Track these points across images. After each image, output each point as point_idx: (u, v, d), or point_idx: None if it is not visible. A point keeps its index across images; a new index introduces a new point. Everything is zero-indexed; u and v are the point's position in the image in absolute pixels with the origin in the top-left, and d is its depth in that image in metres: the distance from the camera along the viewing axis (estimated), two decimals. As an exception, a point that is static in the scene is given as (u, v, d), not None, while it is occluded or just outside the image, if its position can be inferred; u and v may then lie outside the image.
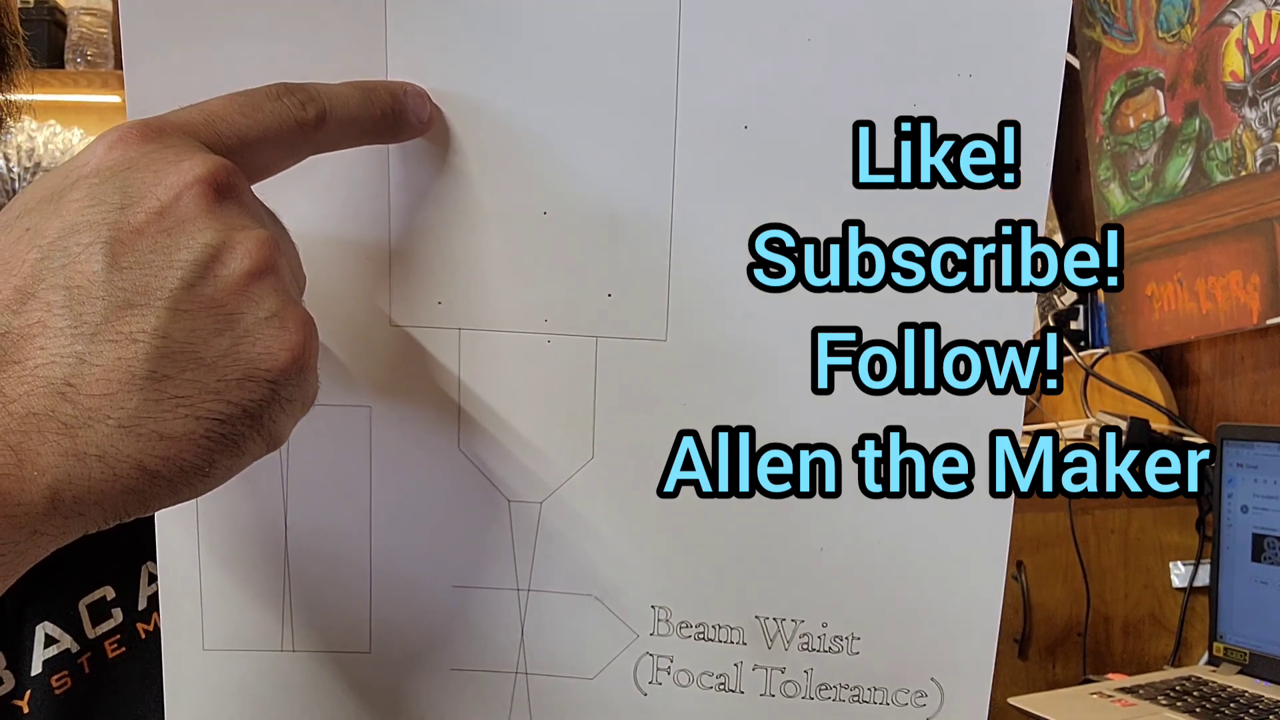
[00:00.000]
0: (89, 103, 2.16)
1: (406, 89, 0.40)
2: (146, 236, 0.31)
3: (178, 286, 0.31)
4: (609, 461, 0.42)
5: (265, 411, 0.32)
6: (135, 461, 0.30)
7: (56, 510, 0.30)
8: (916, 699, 0.43)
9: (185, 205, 0.32)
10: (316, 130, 0.37)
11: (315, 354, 0.34)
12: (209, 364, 0.31)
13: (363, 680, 0.44)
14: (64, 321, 0.30)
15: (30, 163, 1.98)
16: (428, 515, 0.43)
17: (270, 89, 0.36)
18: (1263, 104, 1.43)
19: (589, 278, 0.41)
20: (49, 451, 0.30)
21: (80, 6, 2.10)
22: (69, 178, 0.33)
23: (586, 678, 0.44)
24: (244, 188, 0.34)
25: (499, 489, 0.43)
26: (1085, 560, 1.51)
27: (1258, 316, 1.44)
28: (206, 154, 0.33)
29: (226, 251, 0.32)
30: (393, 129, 0.39)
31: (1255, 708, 1.22)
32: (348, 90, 0.38)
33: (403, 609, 0.44)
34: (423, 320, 0.42)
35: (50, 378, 0.30)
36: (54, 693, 0.54)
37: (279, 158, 0.37)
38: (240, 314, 0.32)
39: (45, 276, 0.31)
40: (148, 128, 0.33)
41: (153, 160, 0.33)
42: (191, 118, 0.35)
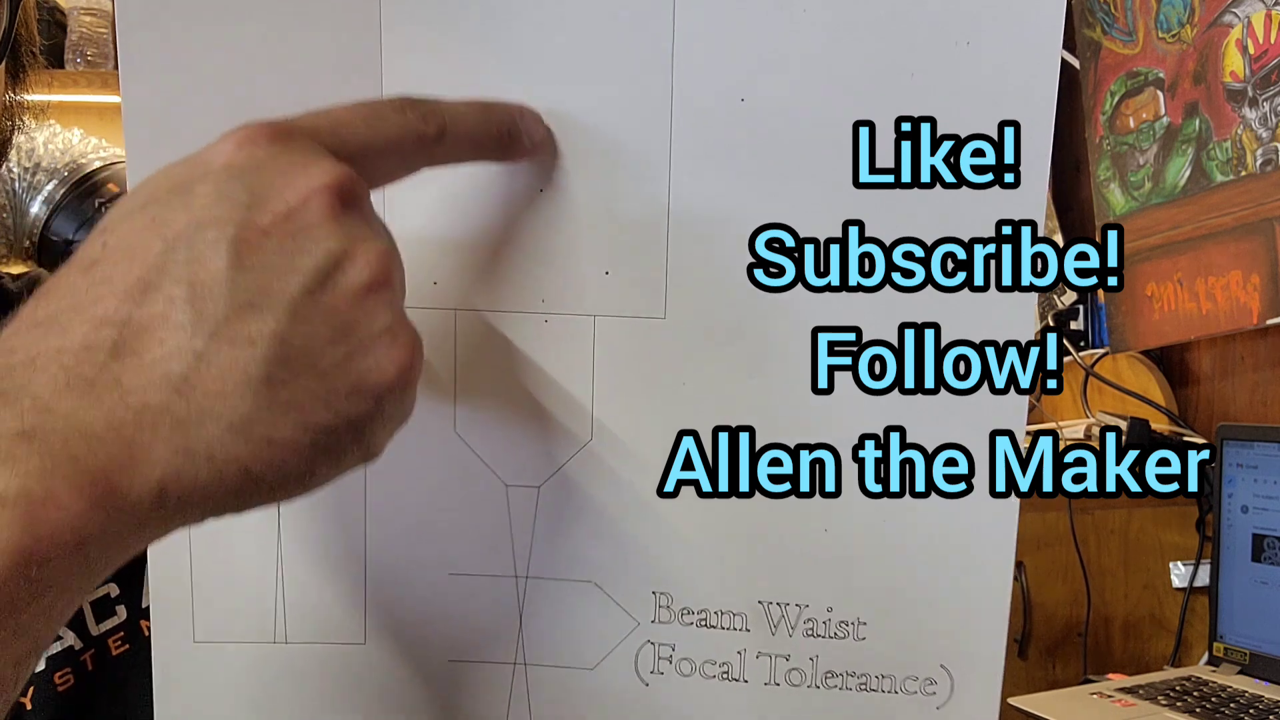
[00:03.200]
0: (89, 103, 2.15)
1: (524, 111, 0.40)
2: (272, 238, 0.31)
3: (299, 292, 0.31)
4: (608, 443, 0.42)
5: (368, 425, 0.32)
6: (241, 464, 0.30)
7: (162, 505, 0.30)
8: (926, 687, 0.42)
9: (311, 210, 0.32)
10: (436, 145, 0.37)
11: (420, 372, 0.34)
12: (322, 372, 0.31)
13: (358, 673, 0.43)
14: (185, 316, 0.30)
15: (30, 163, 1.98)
16: (424, 501, 0.42)
17: (395, 101, 0.36)
18: (1263, 104, 1.43)
19: (586, 256, 0.41)
20: (161, 447, 0.30)
21: (80, 6, 2.10)
22: (196, 170, 0.33)
23: (586, 668, 0.43)
24: (366, 198, 0.34)
25: (496, 473, 0.42)
26: (1085, 560, 1.51)
27: (1258, 316, 1.44)
28: (333, 161, 0.33)
29: (348, 261, 0.32)
30: (507, 149, 0.40)
31: (1255, 708, 1.22)
32: (467, 108, 0.38)
33: (399, 598, 0.43)
34: (418, 301, 0.41)
35: (168, 373, 0.30)
36: (56, 689, 0.54)
37: (397, 169, 0.37)
38: (356, 325, 0.32)
39: (169, 269, 0.31)
40: (276, 129, 0.33)
41: (280, 162, 0.32)
42: (318, 123, 0.35)
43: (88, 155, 1.92)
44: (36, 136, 2.04)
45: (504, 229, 0.41)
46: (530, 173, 0.41)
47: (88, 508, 0.29)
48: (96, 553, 0.30)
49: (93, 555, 0.29)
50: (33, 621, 0.29)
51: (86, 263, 0.32)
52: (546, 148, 0.40)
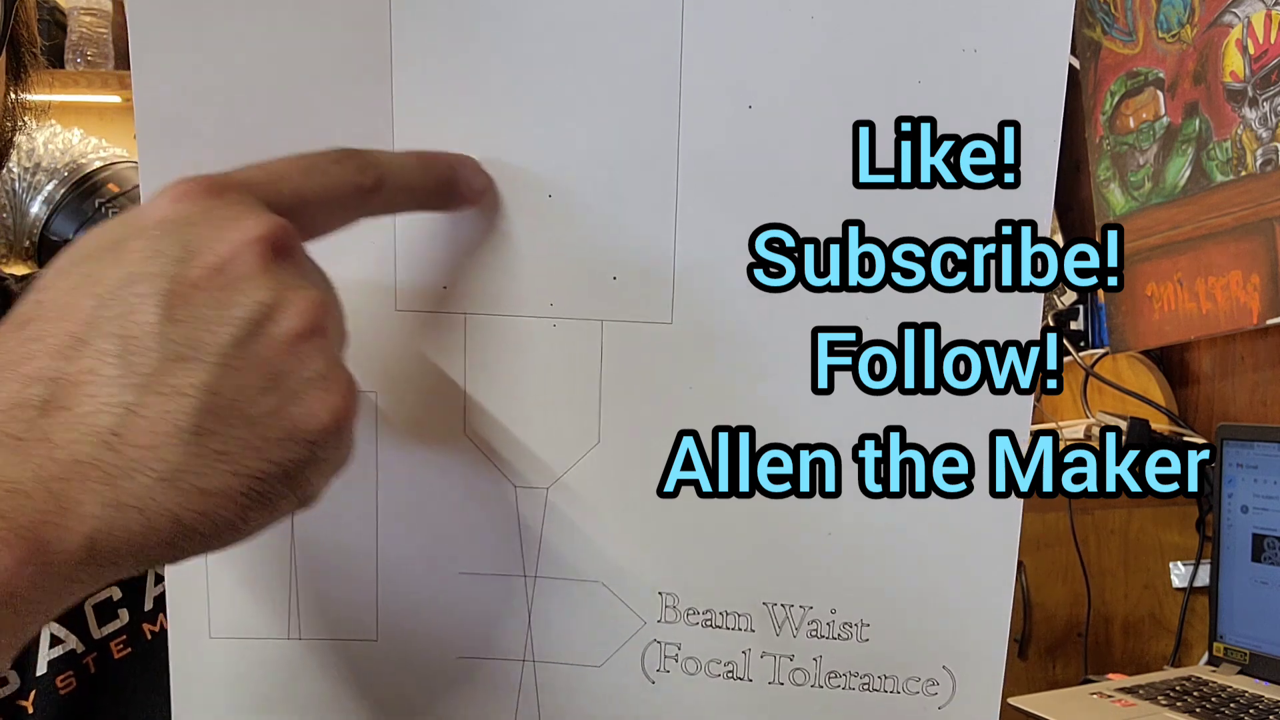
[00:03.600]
0: (89, 103, 2.15)
1: (464, 160, 0.40)
2: (202, 291, 0.32)
3: (229, 342, 0.32)
4: (615, 446, 0.42)
5: (301, 472, 0.33)
6: (172, 515, 0.31)
7: (92, 559, 0.30)
8: (928, 687, 0.42)
9: (242, 262, 0.32)
10: (373, 195, 0.37)
11: (355, 417, 0.34)
12: (253, 421, 0.32)
13: (370, 668, 0.44)
14: (115, 370, 0.31)
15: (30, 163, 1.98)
16: (434, 501, 0.43)
17: (332, 153, 0.37)
18: (1263, 104, 1.43)
19: (594, 261, 0.41)
20: (90, 500, 0.30)
21: (80, 6, 2.10)
22: (130, 227, 0.33)
23: (594, 665, 0.44)
24: (299, 248, 0.34)
25: (505, 475, 0.43)
26: (1085, 560, 1.51)
27: (1258, 316, 1.44)
28: (266, 213, 0.34)
29: (279, 310, 0.32)
30: (446, 199, 0.40)
31: (1255, 708, 1.22)
32: (406, 159, 0.39)
33: (409, 596, 0.43)
34: (428, 305, 0.42)
35: (97, 426, 0.30)
36: (59, 693, 0.54)
37: (333, 219, 0.37)
38: (287, 373, 0.32)
39: (100, 324, 0.31)
40: (212, 184, 0.34)
41: (213, 217, 0.33)
42: (254, 176, 0.35)
43: (88, 155, 1.93)
44: (36, 136, 2.04)
45: (513, 235, 0.41)
46: (538, 178, 0.41)
47: (16, 563, 0.29)
48: (25, 607, 0.30)
49: (21, 610, 0.30)
50: None
51: (20, 321, 0.32)
52: (487, 196, 0.41)
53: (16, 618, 0.30)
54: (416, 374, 0.42)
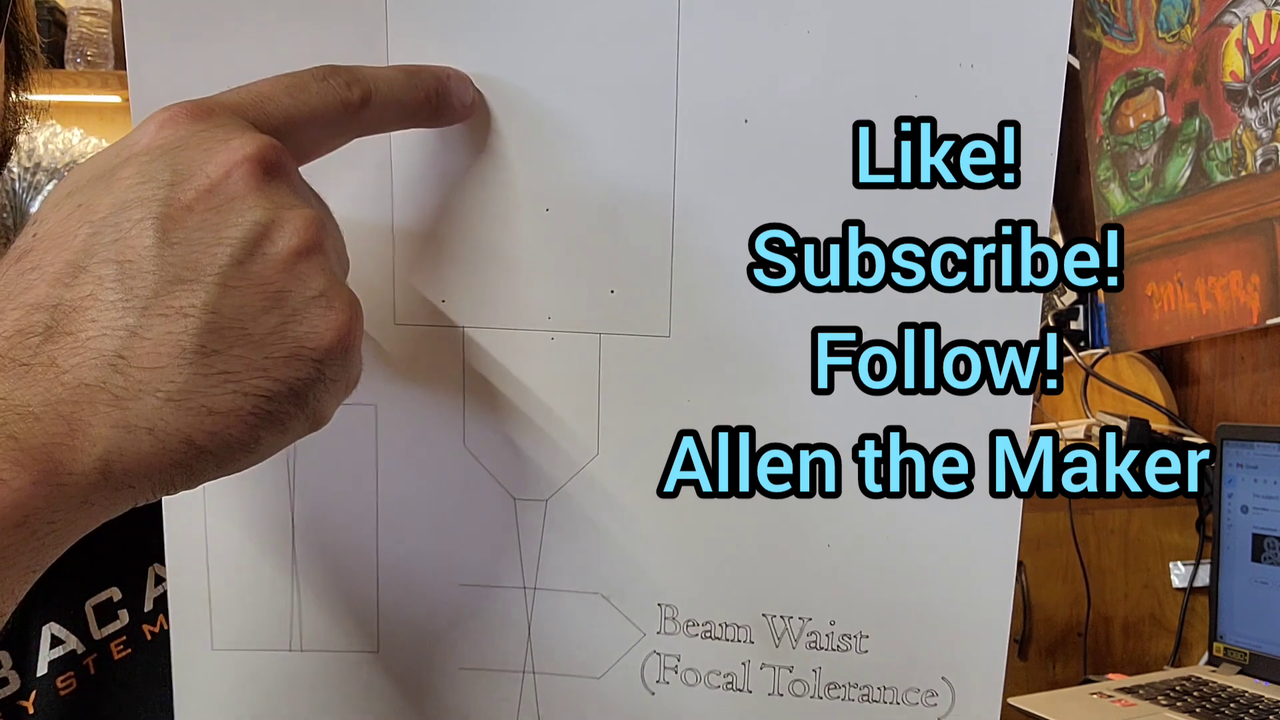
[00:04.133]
0: (89, 103, 2.15)
1: (450, 73, 0.40)
2: (196, 213, 0.32)
3: (227, 263, 0.32)
4: (614, 458, 0.42)
5: (310, 390, 0.33)
6: (183, 435, 0.31)
7: (107, 481, 0.30)
8: (927, 698, 0.43)
9: (234, 183, 0.32)
10: (361, 110, 0.37)
11: (360, 334, 0.34)
12: (257, 341, 0.32)
13: (371, 680, 0.44)
14: (115, 295, 0.31)
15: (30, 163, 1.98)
16: (434, 514, 0.43)
17: (316, 70, 0.36)
18: (1263, 104, 1.43)
19: (591, 274, 0.41)
20: (100, 422, 0.30)
21: (80, 6, 2.10)
22: (119, 155, 0.33)
23: (594, 677, 0.44)
24: (291, 167, 0.34)
25: (505, 487, 0.43)
26: (1085, 560, 1.51)
27: (1258, 316, 1.44)
28: (255, 133, 0.34)
29: (275, 229, 0.32)
30: (436, 112, 0.40)
31: (1255, 708, 1.22)
32: (392, 73, 0.38)
33: (410, 608, 0.44)
34: (427, 319, 0.42)
35: (102, 349, 0.30)
36: (59, 694, 0.54)
37: (324, 139, 0.37)
38: (288, 291, 0.32)
39: (96, 251, 0.31)
40: (197, 107, 0.34)
41: (202, 139, 0.33)
42: (240, 98, 0.35)
43: (88, 155, 1.93)
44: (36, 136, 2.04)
45: (511, 248, 0.42)
46: (536, 191, 0.41)
47: (30, 484, 0.29)
48: (43, 529, 0.30)
49: (39, 531, 0.30)
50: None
51: (17, 254, 0.32)
52: (477, 110, 0.40)
53: (34, 539, 0.30)
54: (416, 387, 0.42)
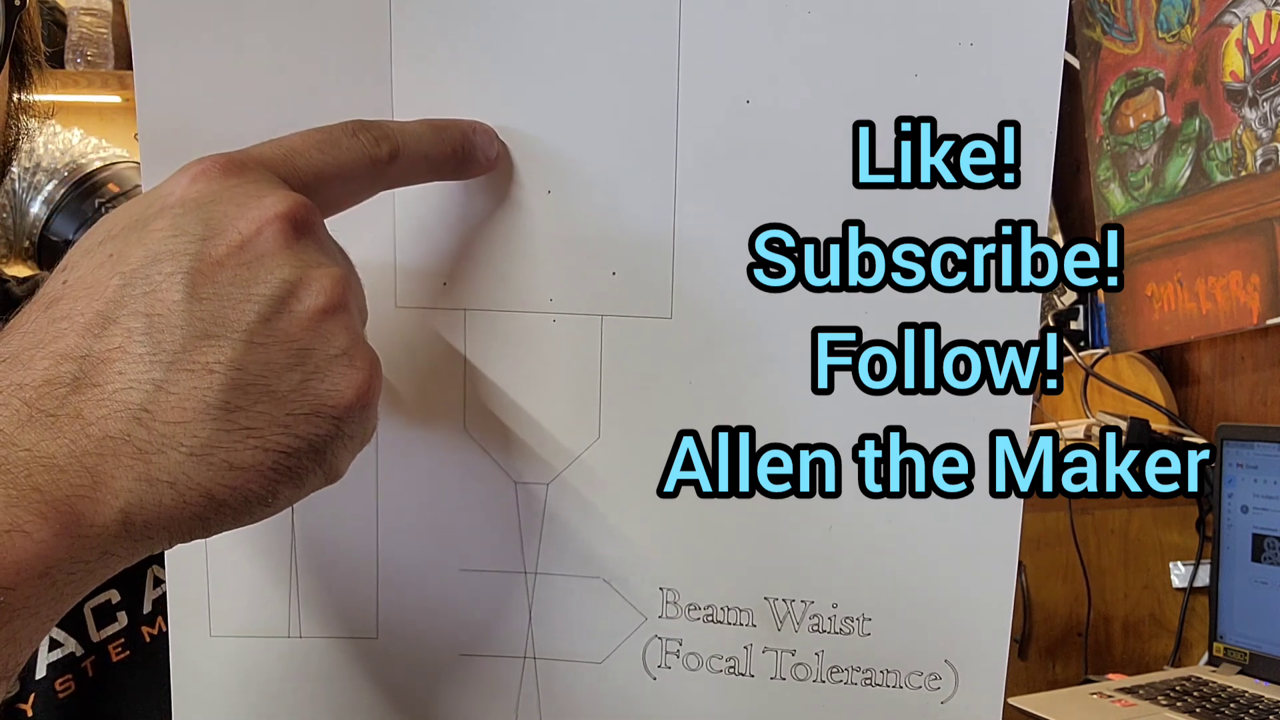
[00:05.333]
0: (89, 103, 2.15)
1: (476, 127, 0.40)
2: (226, 269, 0.32)
3: (254, 320, 0.32)
4: (616, 441, 0.42)
5: (329, 446, 0.33)
6: (204, 489, 0.31)
7: (127, 533, 0.31)
8: (930, 681, 0.42)
9: (265, 240, 0.33)
10: (389, 166, 0.37)
11: (379, 392, 0.34)
12: (280, 397, 0.32)
13: (370, 666, 0.44)
14: (143, 348, 0.31)
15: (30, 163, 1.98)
16: (434, 498, 0.43)
17: (347, 126, 0.37)
18: (1263, 104, 1.43)
19: (593, 256, 0.41)
20: (123, 475, 0.30)
21: (80, 6, 2.10)
22: (152, 206, 0.34)
23: (595, 662, 0.43)
24: (320, 224, 0.35)
25: (505, 470, 0.43)
26: (1085, 560, 1.51)
27: (1258, 316, 1.44)
28: (286, 190, 0.34)
29: (302, 287, 0.33)
30: (461, 166, 0.40)
31: (1255, 708, 1.22)
32: (420, 128, 0.39)
33: (410, 594, 0.43)
34: (428, 301, 0.42)
35: (128, 403, 0.31)
36: (57, 696, 0.54)
37: (353, 193, 0.38)
38: (312, 349, 0.33)
39: (127, 303, 0.32)
40: (230, 162, 0.34)
41: (235, 194, 0.33)
42: (272, 153, 0.35)
43: (88, 155, 1.92)
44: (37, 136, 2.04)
45: (512, 230, 0.41)
46: (537, 174, 0.41)
47: (53, 536, 0.29)
48: (63, 580, 0.30)
49: (60, 582, 0.30)
50: (1, 647, 0.29)
51: (47, 301, 0.32)
52: (502, 164, 0.41)
53: (54, 589, 0.30)
54: (416, 370, 0.42)
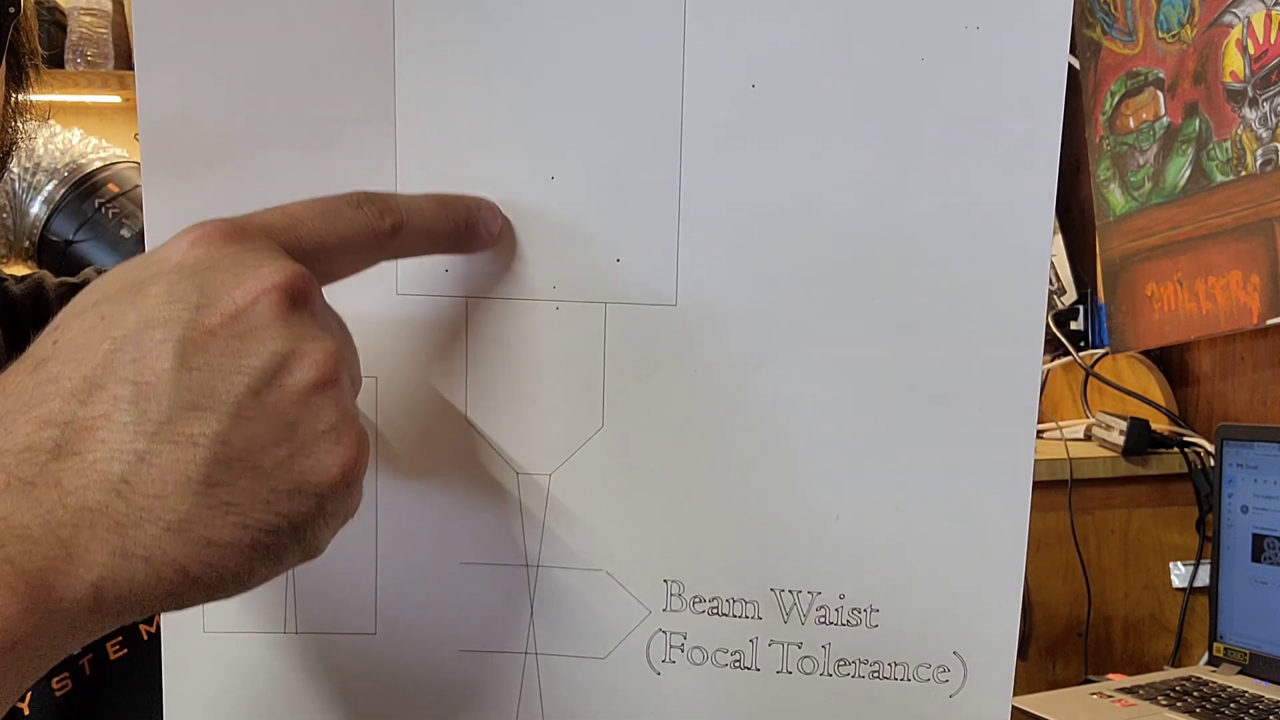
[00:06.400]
0: (89, 103, 2.15)
1: (481, 204, 0.40)
2: (219, 338, 0.32)
3: (243, 392, 0.31)
4: (619, 430, 0.42)
5: (310, 525, 0.33)
6: (179, 565, 0.31)
7: (98, 607, 0.30)
8: (939, 674, 0.42)
9: (260, 311, 0.32)
10: (391, 239, 0.37)
11: (364, 470, 0.34)
12: (264, 473, 0.32)
13: (368, 663, 0.43)
14: (128, 417, 0.31)
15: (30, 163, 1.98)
16: (434, 489, 0.43)
17: (351, 197, 0.37)
18: (1263, 104, 1.43)
19: (597, 243, 0.41)
20: (98, 549, 0.30)
21: (80, 6, 2.10)
22: (149, 270, 0.33)
23: (598, 657, 0.43)
24: (317, 296, 0.34)
25: (507, 461, 0.42)
26: (1085, 560, 1.51)
27: (1258, 316, 1.44)
28: (285, 261, 0.33)
29: (294, 361, 0.32)
30: (463, 242, 0.40)
31: (1255, 708, 1.22)
32: (425, 203, 0.39)
33: (409, 588, 0.43)
34: (430, 289, 0.42)
35: (108, 473, 0.30)
36: (54, 694, 0.54)
37: (353, 263, 0.37)
38: (300, 424, 0.32)
39: (115, 369, 0.31)
40: (232, 228, 0.34)
41: (233, 263, 0.33)
42: (274, 220, 0.35)
43: (88, 155, 1.92)
44: (36, 136, 2.04)
45: (515, 217, 0.41)
46: (540, 160, 0.41)
47: (21, 610, 0.29)
48: (29, 654, 0.30)
49: (25, 656, 0.29)
50: None
51: (36, 361, 0.32)
52: (505, 238, 0.41)
53: (20, 664, 0.29)
54: (417, 358, 0.42)
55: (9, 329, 0.61)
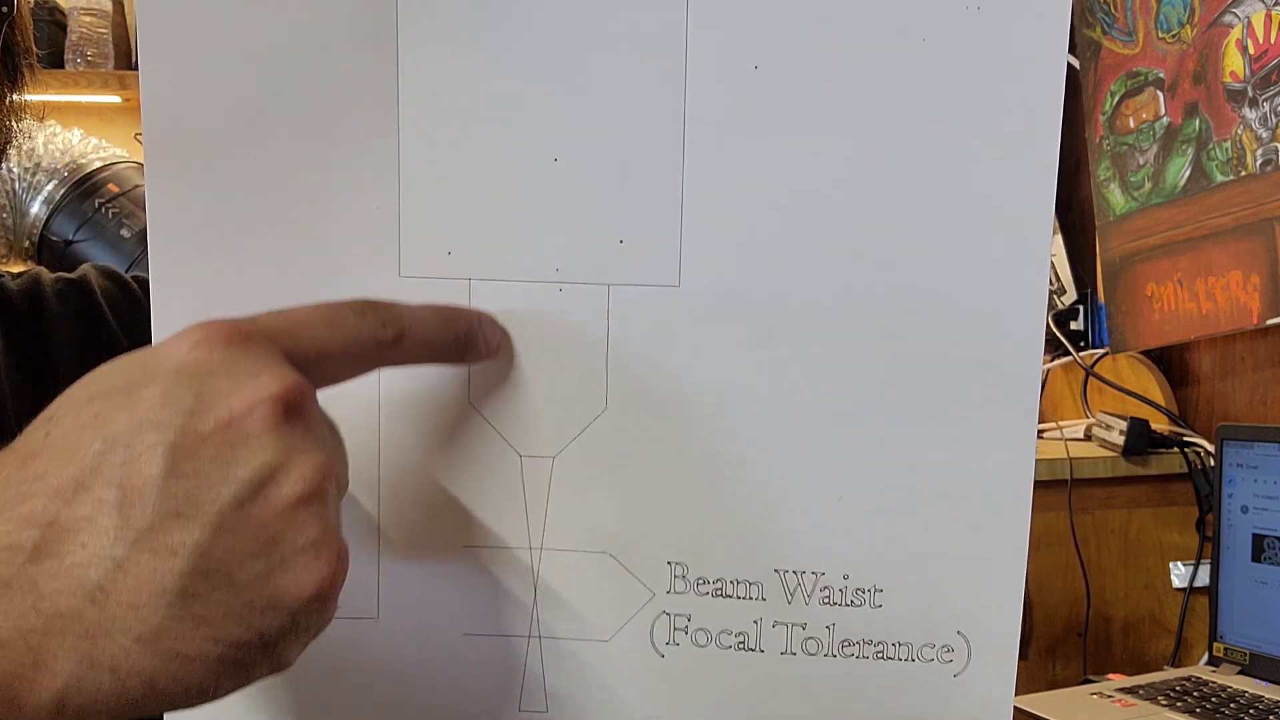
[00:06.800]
0: (89, 103, 2.16)
1: (482, 318, 0.41)
2: (210, 445, 0.31)
3: (228, 503, 0.31)
4: (623, 412, 0.42)
5: (280, 640, 0.32)
6: (146, 677, 0.30)
7: (59, 714, 0.30)
8: (943, 654, 0.42)
9: (254, 420, 0.32)
10: (392, 349, 0.37)
11: (340, 587, 0.34)
12: (239, 586, 0.31)
13: (370, 648, 0.43)
14: (111, 521, 0.30)
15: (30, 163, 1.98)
16: (437, 473, 0.42)
17: (355, 305, 0.37)
18: (1263, 104, 1.43)
19: (600, 225, 0.41)
20: (66, 657, 0.30)
21: (80, 6, 2.10)
22: (148, 369, 0.33)
23: (602, 640, 0.43)
24: (312, 406, 0.34)
25: (510, 444, 0.42)
26: (1085, 560, 1.51)
27: (1258, 316, 1.44)
28: (284, 369, 0.33)
29: (282, 473, 0.32)
30: (463, 355, 0.40)
31: (1255, 708, 1.22)
32: (427, 314, 0.39)
33: (411, 572, 0.43)
34: (432, 271, 0.42)
35: (84, 579, 0.30)
36: None
37: (351, 370, 0.37)
38: (280, 539, 0.32)
39: (103, 471, 0.31)
40: (235, 331, 0.34)
41: (232, 368, 0.33)
42: (277, 325, 0.35)
43: (88, 155, 1.93)
44: (36, 136, 2.04)
45: (518, 199, 0.41)
46: (543, 141, 0.41)
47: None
48: None
49: None
50: None
51: (26, 453, 0.32)
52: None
53: None
54: None
55: (6, 326, 0.61)
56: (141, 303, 0.64)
